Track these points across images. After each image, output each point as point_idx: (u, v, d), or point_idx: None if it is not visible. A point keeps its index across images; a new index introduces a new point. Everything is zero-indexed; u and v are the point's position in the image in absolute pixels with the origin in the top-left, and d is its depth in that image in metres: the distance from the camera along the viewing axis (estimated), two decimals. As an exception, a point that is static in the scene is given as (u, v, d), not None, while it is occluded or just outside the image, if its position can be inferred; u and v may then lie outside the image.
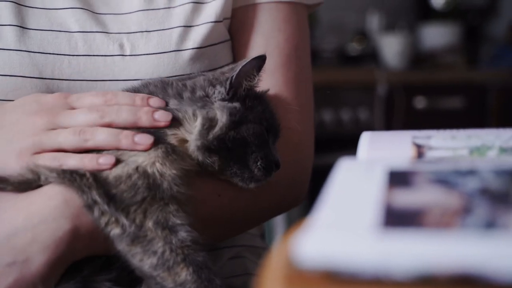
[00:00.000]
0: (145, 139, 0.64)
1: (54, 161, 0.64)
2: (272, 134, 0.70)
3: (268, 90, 0.74)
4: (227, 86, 0.67)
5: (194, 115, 0.66)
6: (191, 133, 0.66)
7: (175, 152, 0.65)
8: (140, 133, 0.64)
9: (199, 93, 0.67)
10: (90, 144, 0.64)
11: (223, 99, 0.67)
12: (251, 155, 0.67)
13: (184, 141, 0.66)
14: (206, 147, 0.65)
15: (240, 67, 0.67)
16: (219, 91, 0.67)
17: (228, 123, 0.65)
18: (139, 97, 0.67)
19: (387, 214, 0.36)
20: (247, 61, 0.67)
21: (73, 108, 0.67)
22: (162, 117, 0.65)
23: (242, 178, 0.68)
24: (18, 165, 0.64)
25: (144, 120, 0.65)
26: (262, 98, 0.71)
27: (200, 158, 0.66)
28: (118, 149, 0.64)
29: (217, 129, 0.65)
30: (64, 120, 0.66)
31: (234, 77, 0.67)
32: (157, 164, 0.63)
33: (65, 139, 0.65)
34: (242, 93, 0.68)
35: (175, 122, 0.66)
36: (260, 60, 0.68)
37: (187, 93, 0.67)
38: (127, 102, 0.66)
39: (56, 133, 0.65)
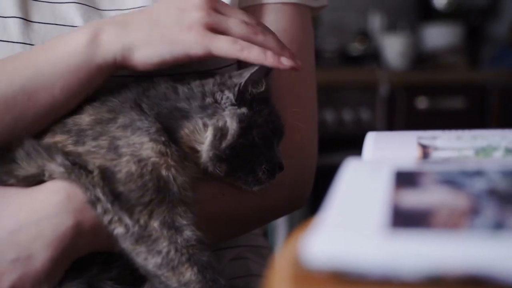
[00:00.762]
0: (289, 62, 0.63)
1: (235, 45, 0.63)
2: (277, 136, 0.70)
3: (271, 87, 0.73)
4: (236, 93, 0.66)
5: (205, 125, 0.65)
6: (202, 143, 0.65)
7: (187, 159, 0.64)
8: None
9: (208, 100, 0.66)
10: (245, 52, 0.63)
11: (231, 105, 0.66)
12: (257, 159, 0.67)
13: (194, 150, 0.66)
14: (218, 157, 0.65)
15: (249, 74, 0.66)
16: (227, 97, 0.66)
17: (238, 130, 0.65)
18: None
19: (394, 215, 0.36)
20: (256, 68, 0.66)
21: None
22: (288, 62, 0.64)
23: (245, 181, 0.68)
24: (190, 38, 0.63)
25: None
26: (267, 100, 0.70)
27: (211, 168, 0.66)
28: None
29: (229, 137, 0.65)
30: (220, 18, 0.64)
31: (242, 84, 0.66)
32: (172, 169, 0.62)
33: (236, 25, 0.64)
34: (249, 97, 0.67)
35: (186, 131, 0.65)
36: (268, 67, 0.68)
37: (195, 101, 0.66)
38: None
39: (225, 17, 0.64)
